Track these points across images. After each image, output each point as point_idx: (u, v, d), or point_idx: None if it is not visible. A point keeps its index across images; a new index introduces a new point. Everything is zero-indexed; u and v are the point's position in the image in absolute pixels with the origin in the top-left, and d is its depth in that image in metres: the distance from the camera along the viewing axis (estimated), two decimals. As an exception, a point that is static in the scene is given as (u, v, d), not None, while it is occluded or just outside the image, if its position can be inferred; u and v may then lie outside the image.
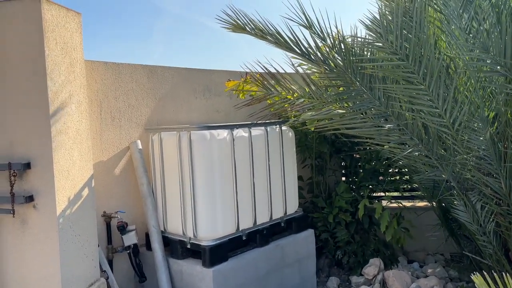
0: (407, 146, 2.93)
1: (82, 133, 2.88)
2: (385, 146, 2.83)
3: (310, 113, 2.85)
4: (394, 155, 2.94)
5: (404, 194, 4.56)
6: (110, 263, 3.34)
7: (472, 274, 1.87)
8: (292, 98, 2.87)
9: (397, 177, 4.35)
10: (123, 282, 3.46)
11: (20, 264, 2.61)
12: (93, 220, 2.97)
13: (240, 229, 3.34)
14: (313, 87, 2.72)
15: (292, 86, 2.79)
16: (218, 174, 3.18)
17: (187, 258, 3.30)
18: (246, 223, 3.39)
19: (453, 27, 2.59)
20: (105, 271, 3.16)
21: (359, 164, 4.69)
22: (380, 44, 2.43)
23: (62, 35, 2.69)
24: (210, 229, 3.16)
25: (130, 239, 3.27)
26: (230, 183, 3.26)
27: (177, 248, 3.32)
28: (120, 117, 3.49)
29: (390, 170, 4.51)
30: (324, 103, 2.72)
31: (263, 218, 3.53)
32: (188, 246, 3.24)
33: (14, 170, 2.50)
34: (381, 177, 4.54)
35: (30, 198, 2.54)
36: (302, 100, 2.79)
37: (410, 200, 4.78)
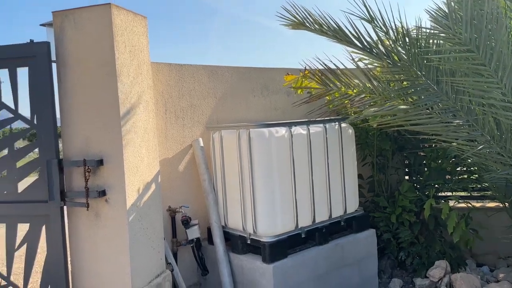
0: (477, 143, 2.77)
1: (149, 131, 3.03)
2: (453, 143, 2.68)
3: (373, 109, 2.78)
4: (462, 153, 2.78)
5: (473, 194, 4.29)
6: (175, 256, 3.49)
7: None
8: (352, 94, 2.81)
9: (465, 176, 4.11)
10: (186, 275, 3.60)
11: (93, 254, 2.80)
12: (159, 214, 3.12)
13: (299, 227, 3.34)
14: (375, 82, 2.64)
15: (353, 81, 2.73)
16: (277, 171, 3.20)
17: (247, 253, 3.36)
18: (305, 221, 3.38)
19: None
20: (170, 263, 3.31)
21: (424, 162, 4.49)
22: (448, 36, 2.30)
23: (130, 38, 2.84)
24: (270, 226, 3.19)
25: (194, 233, 3.39)
26: (289, 181, 3.27)
27: (237, 243, 3.39)
28: (183, 116, 3.63)
29: (458, 169, 4.27)
30: (387, 99, 2.63)
31: (322, 217, 3.50)
32: (248, 242, 3.30)
33: (88, 166, 2.69)
34: (448, 176, 4.32)
35: (102, 193, 2.72)
36: (362, 95, 2.72)
37: (480, 201, 4.49)
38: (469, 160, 3.08)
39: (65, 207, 2.79)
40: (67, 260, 2.81)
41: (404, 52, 2.59)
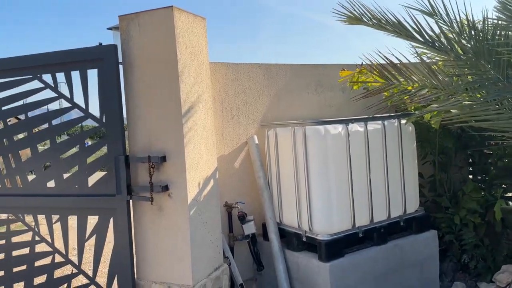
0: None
1: (207, 129, 3.12)
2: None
3: (436, 105, 2.67)
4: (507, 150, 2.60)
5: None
6: (231, 250, 3.57)
7: None
8: (412, 89, 2.71)
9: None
10: (242, 269, 3.66)
11: (157, 246, 2.94)
12: (217, 209, 3.21)
13: (356, 226, 3.29)
14: (439, 77, 2.54)
15: (413, 76, 2.64)
16: (333, 169, 3.17)
17: (302, 250, 3.36)
18: (362, 220, 3.32)
19: None
20: (227, 257, 3.39)
21: (490, 161, 4.24)
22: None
23: (191, 39, 2.94)
24: (325, 224, 3.18)
25: (250, 228, 3.45)
26: (345, 179, 3.23)
27: (292, 240, 3.40)
28: (239, 114, 3.70)
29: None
30: (451, 94, 2.52)
31: (380, 216, 3.42)
32: (304, 239, 3.30)
33: (152, 163, 2.82)
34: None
35: (165, 188, 2.84)
36: (425, 90, 2.62)
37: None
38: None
39: (130, 201, 2.95)
40: (132, 251, 2.97)
41: (470, 45, 2.46)
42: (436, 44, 2.83)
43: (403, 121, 3.56)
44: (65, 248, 3.18)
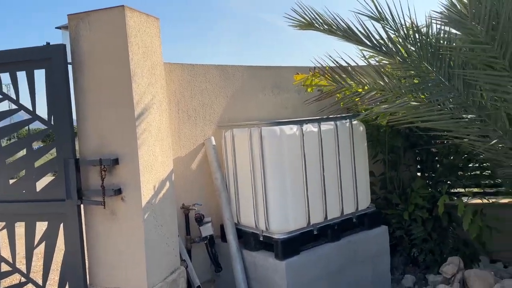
0: (489, 138, 2.76)
1: (163, 131, 3.09)
2: (464, 139, 2.68)
3: (384, 106, 2.79)
4: (473, 149, 2.78)
5: (487, 190, 4.27)
6: (189, 252, 3.54)
7: None
8: (362, 91, 2.82)
9: (478, 172, 4.09)
10: (200, 271, 3.65)
11: (110, 251, 2.86)
12: (173, 211, 3.17)
13: (311, 224, 3.37)
14: (386, 79, 2.65)
15: (363, 79, 2.75)
16: (288, 169, 3.23)
17: (260, 250, 3.39)
18: (317, 218, 3.41)
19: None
20: (184, 260, 3.36)
21: (436, 158, 4.48)
22: (461, 27, 2.31)
23: (144, 39, 2.90)
24: (281, 223, 3.23)
25: (207, 230, 3.44)
26: (300, 178, 3.30)
27: (250, 240, 3.43)
28: (195, 116, 3.68)
29: (471, 165, 4.25)
30: (398, 95, 2.64)
31: (334, 213, 3.52)
32: (261, 239, 3.34)
33: (104, 166, 2.75)
34: (460, 172, 4.30)
35: (118, 191, 2.78)
36: (373, 92, 2.74)
37: (493, 197, 4.46)
38: (481, 156, 3.07)
39: (81, 206, 2.86)
40: (84, 257, 2.88)
41: (414, 49, 2.60)
42: (383, 48, 2.96)
43: (354, 122, 3.68)
44: (13, 257, 3.03)
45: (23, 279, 3.03)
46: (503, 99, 2.52)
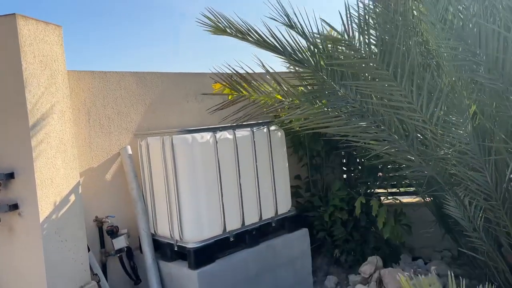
0: (386, 142, 2.89)
1: (66, 142, 2.98)
2: (359, 143, 2.80)
3: (285, 114, 2.84)
4: (370, 151, 2.90)
5: (401, 190, 4.48)
6: (104, 266, 3.44)
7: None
8: (264, 99, 2.87)
9: (391, 174, 4.27)
10: (119, 284, 3.56)
11: (10, 269, 2.73)
12: (81, 225, 3.06)
13: (227, 230, 3.37)
14: (284, 87, 2.71)
15: (263, 87, 2.79)
16: (202, 177, 3.22)
17: (176, 260, 3.35)
18: (234, 225, 3.42)
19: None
20: (96, 274, 3.25)
21: (358, 161, 4.63)
22: (347, 43, 2.40)
23: (41, 48, 2.79)
24: (195, 232, 3.21)
25: (120, 242, 3.35)
26: (215, 186, 3.29)
27: (166, 250, 3.38)
28: (109, 124, 3.58)
29: (389, 166, 4.43)
30: (297, 104, 2.71)
31: (252, 219, 3.55)
32: (176, 249, 3.30)
33: (-2, 180, 2.61)
34: (380, 174, 4.47)
35: (14, 207, 2.65)
36: (272, 100, 2.79)
37: (411, 197, 4.68)
38: (382, 159, 3.19)
39: (-25, 223, 2.70)
40: (-21, 278, 2.72)
41: (312, 59, 2.67)
42: (293, 56, 3.03)
43: (272, 128, 3.73)
44: None
45: None
46: (393, 106, 2.64)
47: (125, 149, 3.61)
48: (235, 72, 2.90)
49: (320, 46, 2.72)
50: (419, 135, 2.92)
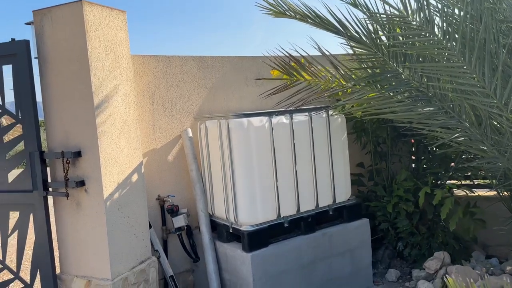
0: (458, 130, 2.63)
1: (129, 123, 3.12)
2: (424, 130, 2.57)
3: (346, 99, 2.70)
4: (437, 140, 2.66)
5: (476, 183, 4.09)
6: (165, 243, 3.60)
7: None
8: (320, 84, 2.74)
9: (465, 164, 3.91)
10: (180, 261, 3.71)
11: (77, 241, 2.95)
12: (143, 203, 3.22)
13: (282, 216, 3.34)
14: (341, 71, 2.57)
15: (319, 73, 2.66)
16: (256, 161, 3.20)
17: (231, 241, 3.40)
18: (289, 210, 3.37)
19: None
20: (157, 250, 3.42)
21: (429, 149, 4.31)
22: (404, 21, 2.19)
23: (106, 33, 2.92)
24: (249, 215, 3.22)
25: (179, 221, 3.47)
26: (270, 171, 3.26)
27: (222, 232, 3.45)
28: (171, 107, 3.69)
29: (463, 156, 4.07)
30: (355, 88, 2.55)
31: (307, 206, 3.47)
32: (230, 231, 3.34)
33: (67, 158, 2.82)
34: (452, 164, 4.12)
35: (81, 183, 2.84)
36: (334, 84, 2.65)
37: (485, 190, 4.27)
38: (452, 148, 2.92)
39: (51, 197, 2.95)
40: (52, 246, 2.98)
41: (372, 39, 2.49)
42: (355, 36, 2.86)
43: (332, 113, 3.59)
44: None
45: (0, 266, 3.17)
46: (463, 90, 2.39)
47: (186, 131, 3.71)
48: (288, 55, 2.80)
49: (379, 26, 2.52)
50: (495, 123, 2.63)
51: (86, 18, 2.76)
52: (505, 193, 3.39)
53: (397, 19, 2.19)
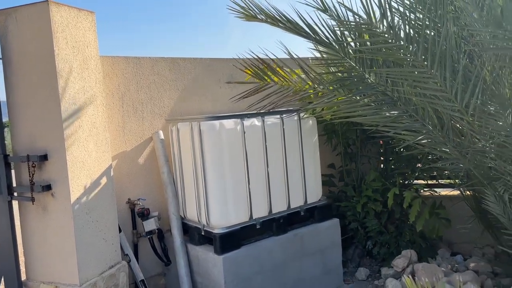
0: (422, 132, 2.73)
1: (98, 125, 3.07)
2: (389, 133, 2.65)
3: (314, 102, 2.75)
4: (403, 142, 2.75)
5: (441, 183, 4.24)
6: (136, 247, 3.56)
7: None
8: (290, 86, 2.78)
9: (429, 166, 4.05)
10: (151, 264, 3.67)
11: (43, 246, 2.88)
12: (112, 207, 3.17)
13: (254, 218, 3.36)
14: (311, 75, 2.61)
15: (288, 76, 2.70)
16: (228, 164, 3.21)
17: (203, 244, 3.40)
18: (261, 212, 3.40)
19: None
20: (127, 254, 3.37)
21: (396, 150, 4.43)
22: (368, 28, 2.26)
23: (73, 34, 2.87)
24: (221, 217, 3.22)
25: (150, 224, 3.44)
26: (242, 173, 3.28)
27: (194, 234, 3.44)
28: (142, 109, 3.66)
29: (429, 157, 4.21)
30: (324, 91, 2.61)
31: (279, 207, 3.51)
32: (202, 233, 3.34)
33: (33, 162, 2.75)
34: (419, 164, 4.26)
35: (47, 187, 2.78)
36: (305, 87, 2.70)
37: (449, 189, 4.43)
38: (417, 149, 3.02)
39: (15, 201, 2.87)
40: (17, 252, 2.90)
41: (339, 44, 2.55)
42: (323, 40, 2.91)
43: (303, 115, 3.64)
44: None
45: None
46: (427, 94, 2.48)
47: (157, 133, 3.68)
48: (257, 58, 2.83)
49: (347, 32, 2.58)
50: (458, 125, 2.74)
51: (52, 19, 2.70)
52: (468, 192, 3.52)
53: (364, 26, 2.25)
